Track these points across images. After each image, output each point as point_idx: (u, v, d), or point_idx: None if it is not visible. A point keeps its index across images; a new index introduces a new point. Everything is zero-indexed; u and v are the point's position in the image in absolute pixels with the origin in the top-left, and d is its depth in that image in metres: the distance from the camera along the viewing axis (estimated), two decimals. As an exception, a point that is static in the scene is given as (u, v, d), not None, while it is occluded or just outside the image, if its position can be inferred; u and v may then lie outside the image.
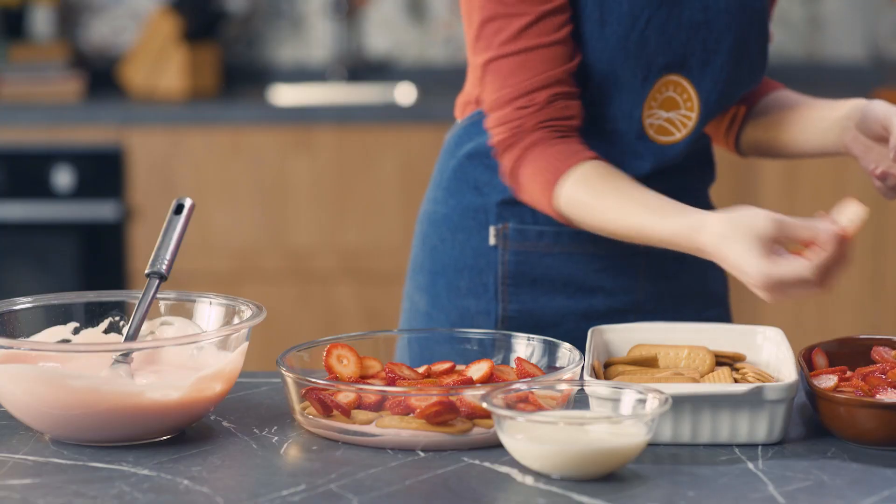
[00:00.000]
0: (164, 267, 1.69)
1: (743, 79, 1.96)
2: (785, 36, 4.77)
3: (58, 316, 1.74)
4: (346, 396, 1.59)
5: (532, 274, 1.98)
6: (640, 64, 1.89)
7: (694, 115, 1.93)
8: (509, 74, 1.85)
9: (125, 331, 1.68)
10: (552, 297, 1.98)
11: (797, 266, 1.58)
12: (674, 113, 1.93)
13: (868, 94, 4.32)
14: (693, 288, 2.04)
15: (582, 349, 1.71)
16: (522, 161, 1.86)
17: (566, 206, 1.82)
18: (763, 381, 1.62)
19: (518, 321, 1.98)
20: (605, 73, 1.88)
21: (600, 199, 1.80)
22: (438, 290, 2.03)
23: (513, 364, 1.70)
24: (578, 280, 1.99)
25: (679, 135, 1.94)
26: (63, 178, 4.08)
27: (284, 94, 4.56)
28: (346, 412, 1.57)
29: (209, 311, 1.74)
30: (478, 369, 1.63)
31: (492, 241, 1.99)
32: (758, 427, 1.56)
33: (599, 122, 1.92)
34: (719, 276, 2.07)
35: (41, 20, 4.52)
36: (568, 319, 1.98)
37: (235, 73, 4.63)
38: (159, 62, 4.34)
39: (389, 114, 4.12)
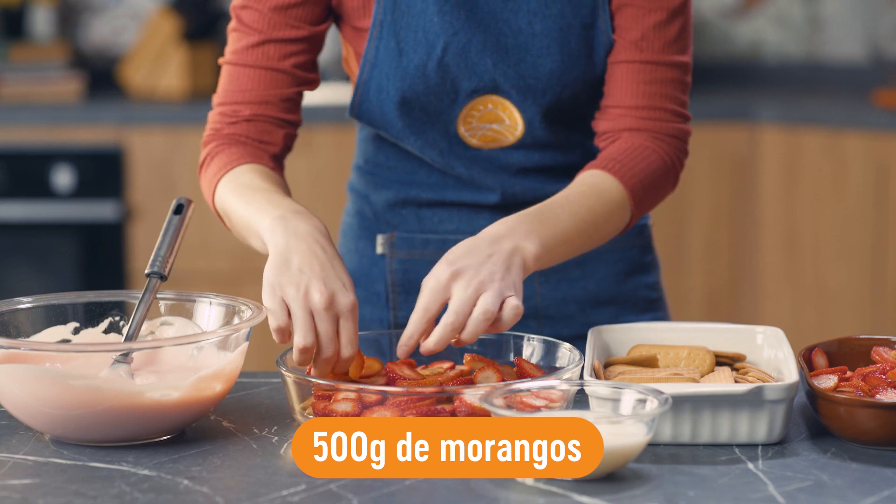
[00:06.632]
0: (164, 267, 1.69)
1: (578, 93, 1.92)
2: (785, 36, 4.77)
3: (58, 316, 1.74)
4: (346, 396, 1.58)
5: (420, 281, 1.98)
6: (443, 90, 1.90)
7: (519, 127, 1.93)
8: (228, 82, 1.94)
9: (125, 331, 1.68)
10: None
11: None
12: (497, 125, 1.93)
13: (868, 93, 4.33)
14: (604, 293, 2.03)
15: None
16: (208, 162, 1.92)
17: (218, 204, 1.89)
18: (763, 381, 1.62)
19: None
20: (409, 99, 1.90)
21: (233, 198, 1.84)
22: None
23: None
24: None
25: (508, 140, 1.94)
26: (63, 178, 4.08)
27: (284, 94, 4.55)
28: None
29: (209, 311, 1.74)
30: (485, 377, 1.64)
31: (379, 249, 2.02)
32: (758, 427, 1.56)
33: (420, 138, 1.93)
34: (646, 282, 2.05)
35: (41, 20, 4.52)
36: None
37: (235, 73, 4.62)
38: (159, 62, 4.33)
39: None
